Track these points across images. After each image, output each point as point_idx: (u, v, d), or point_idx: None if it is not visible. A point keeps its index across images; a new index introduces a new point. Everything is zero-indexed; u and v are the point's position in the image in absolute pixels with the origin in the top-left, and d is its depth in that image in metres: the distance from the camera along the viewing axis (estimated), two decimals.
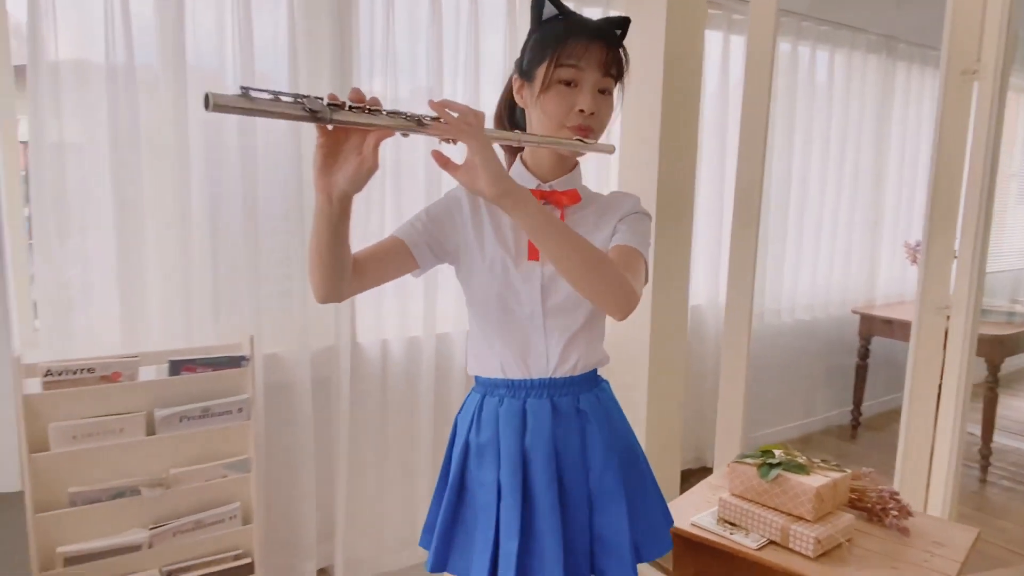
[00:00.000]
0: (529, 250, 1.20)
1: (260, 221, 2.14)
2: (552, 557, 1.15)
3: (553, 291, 1.19)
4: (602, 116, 1.16)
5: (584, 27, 1.14)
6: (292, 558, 2.32)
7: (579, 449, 1.22)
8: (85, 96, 1.91)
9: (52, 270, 1.91)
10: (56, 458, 1.78)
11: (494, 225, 1.22)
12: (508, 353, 1.21)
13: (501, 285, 1.19)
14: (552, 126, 1.15)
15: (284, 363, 2.24)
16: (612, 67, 1.14)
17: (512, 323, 1.20)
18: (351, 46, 2.21)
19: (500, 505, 1.18)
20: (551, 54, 1.13)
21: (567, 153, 1.21)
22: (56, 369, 1.77)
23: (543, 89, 1.14)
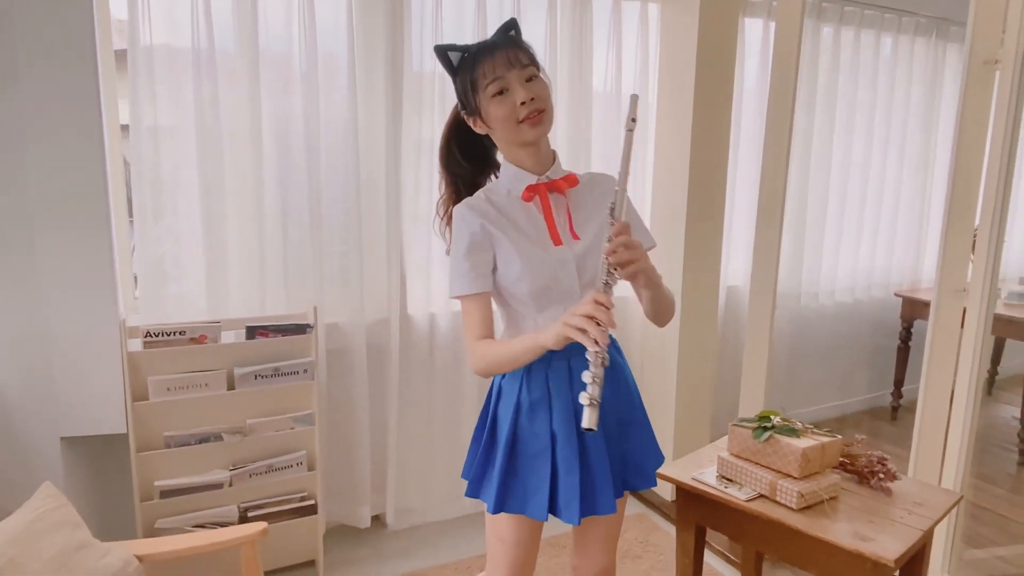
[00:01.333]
0: (553, 237, 1.37)
1: (323, 205, 2.41)
2: (604, 483, 1.38)
3: (585, 269, 1.37)
4: (541, 95, 1.32)
5: (482, 48, 1.34)
6: (350, 503, 2.62)
7: (612, 394, 1.41)
8: (174, 81, 2.19)
9: (149, 246, 2.23)
10: (154, 406, 2.11)
11: (512, 227, 1.36)
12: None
13: (540, 274, 1.34)
14: (509, 127, 1.33)
15: (343, 331, 2.52)
16: (522, 59, 1.32)
17: (554, 301, 1.36)
18: (403, 28, 2.42)
19: (556, 449, 1.37)
20: (475, 82, 1.32)
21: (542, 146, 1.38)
22: (154, 331, 2.09)
23: (486, 108, 1.33)
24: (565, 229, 1.38)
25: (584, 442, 1.38)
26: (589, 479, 1.37)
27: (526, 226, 1.37)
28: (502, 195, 1.40)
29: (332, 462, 2.55)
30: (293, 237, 2.41)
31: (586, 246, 1.38)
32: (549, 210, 1.38)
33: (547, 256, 1.35)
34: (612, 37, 2.81)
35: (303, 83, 2.33)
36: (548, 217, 1.38)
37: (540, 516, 1.38)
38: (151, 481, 2.13)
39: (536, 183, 1.38)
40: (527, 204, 1.39)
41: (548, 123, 1.35)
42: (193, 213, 2.28)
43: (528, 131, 1.33)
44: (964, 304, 2.27)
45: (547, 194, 1.38)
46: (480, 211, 1.37)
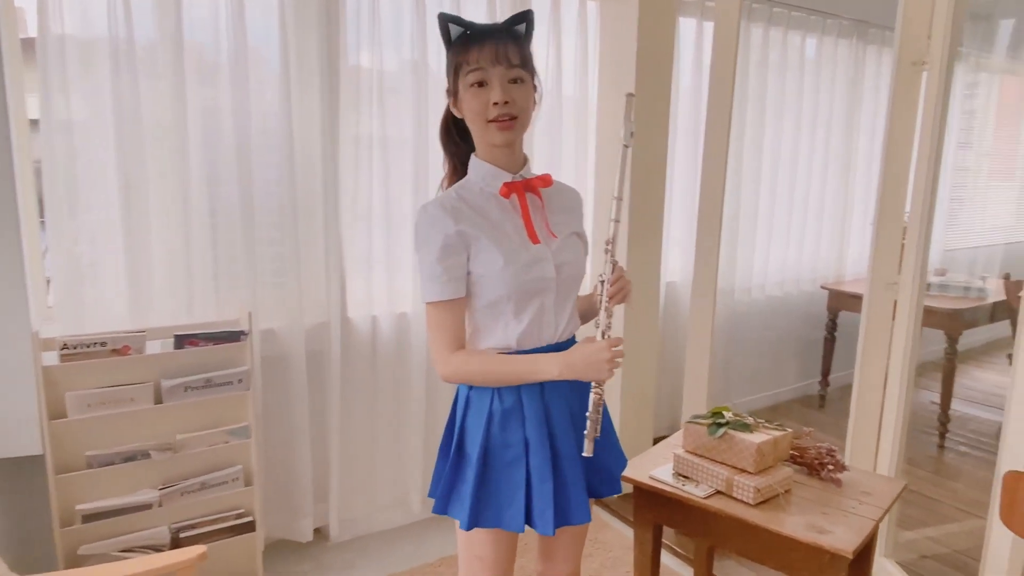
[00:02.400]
0: (531, 235, 1.33)
1: (256, 202, 2.29)
2: (578, 491, 1.35)
3: (563, 266, 1.36)
4: (519, 102, 1.29)
5: (479, 33, 1.29)
6: (290, 517, 2.50)
7: (579, 400, 1.37)
8: (90, 73, 2.02)
9: (64, 248, 2.06)
10: (73, 424, 1.94)
11: (489, 224, 1.32)
12: (524, 328, 1.33)
13: (520, 273, 1.30)
14: (478, 122, 1.30)
15: (280, 337, 2.40)
16: (512, 58, 1.27)
17: (530, 302, 1.33)
18: (339, 21, 2.33)
19: (528, 457, 1.33)
20: (458, 65, 1.29)
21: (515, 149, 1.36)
22: (72, 343, 1.92)
23: (461, 95, 1.31)
24: (542, 228, 1.36)
25: (557, 449, 1.35)
26: (563, 488, 1.34)
27: (503, 224, 1.34)
28: (475, 192, 1.36)
29: (270, 475, 2.43)
30: (223, 237, 2.28)
31: (562, 244, 1.37)
32: (527, 208, 1.35)
33: (527, 254, 1.32)
34: (551, 36, 2.79)
35: (231, 75, 2.19)
36: (526, 215, 1.35)
37: (516, 528, 1.33)
38: (72, 505, 1.96)
39: (513, 181, 1.35)
40: (503, 202, 1.35)
41: (519, 130, 1.32)
42: (112, 212, 2.11)
43: (495, 133, 1.30)
44: (895, 297, 2.36)
45: (524, 192, 1.36)
46: (453, 212, 1.31)
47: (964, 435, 3.66)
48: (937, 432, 3.54)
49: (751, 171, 3.53)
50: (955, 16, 2.13)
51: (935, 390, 3.76)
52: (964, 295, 3.47)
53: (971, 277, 3.61)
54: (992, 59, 4.40)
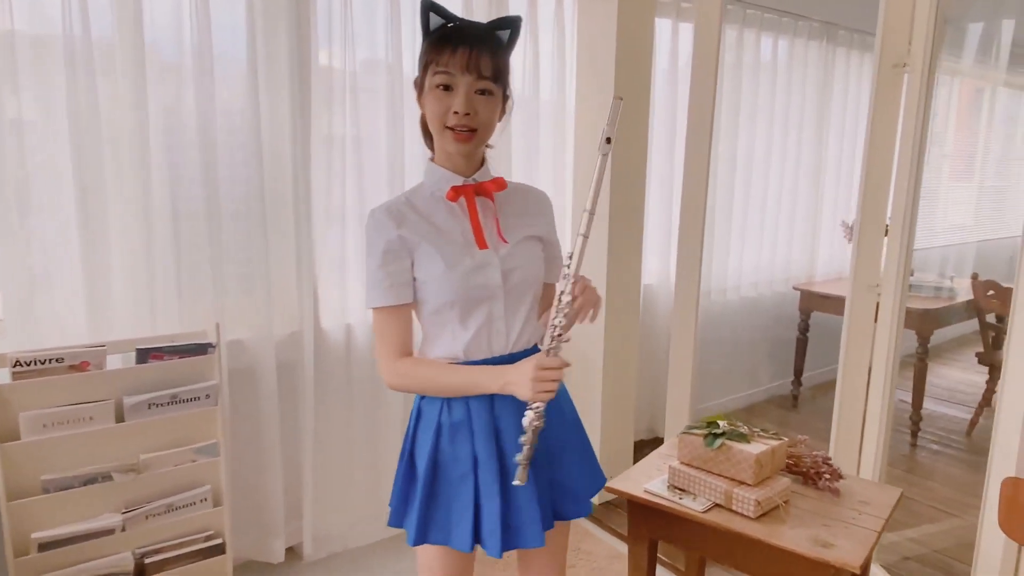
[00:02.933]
0: (478, 241, 1.29)
1: (222, 206, 2.17)
2: (530, 510, 1.28)
3: (511, 272, 1.31)
4: (482, 115, 1.24)
5: (457, 33, 1.22)
6: (262, 537, 2.39)
7: (558, 412, 1.35)
8: (42, 71, 1.89)
9: (14, 256, 1.91)
10: (27, 447, 1.80)
11: (434, 230, 1.29)
12: (471, 337, 1.30)
13: (466, 278, 1.27)
14: (436, 126, 1.26)
15: (249, 349, 2.28)
16: (483, 70, 1.21)
17: (476, 309, 1.29)
18: (309, 19, 2.23)
19: (477, 473, 1.29)
20: (427, 63, 1.24)
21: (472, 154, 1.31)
22: (25, 359, 1.79)
23: (426, 92, 1.25)
24: (492, 233, 1.31)
25: (506, 466, 1.29)
26: (514, 508, 1.29)
27: (449, 229, 1.30)
28: (425, 197, 1.33)
29: (240, 494, 2.31)
30: (187, 243, 2.15)
31: (512, 250, 1.32)
32: (475, 212, 1.30)
33: (471, 260, 1.28)
34: (528, 37, 2.72)
35: (195, 74, 2.07)
36: (474, 219, 1.30)
37: (464, 547, 1.28)
38: (27, 533, 1.82)
39: (463, 184, 1.30)
40: (452, 206, 1.31)
41: (478, 143, 1.28)
42: (67, 218, 1.97)
43: (450, 141, 1.26)
44: (877, 299, 2.36)
45: (473, 196, 1.31)
46: (397, 216, 1.29)
47: (934, 433, 3.71)
48: (909, 431, 3.58)
49: (724, 173, 3.52)
50: (938, 17, 2.12)
51: (906, 388, 3.80)
52: (936, 295, 3.52)
53: (941, 277, 3.66)
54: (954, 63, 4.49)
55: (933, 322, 3.46)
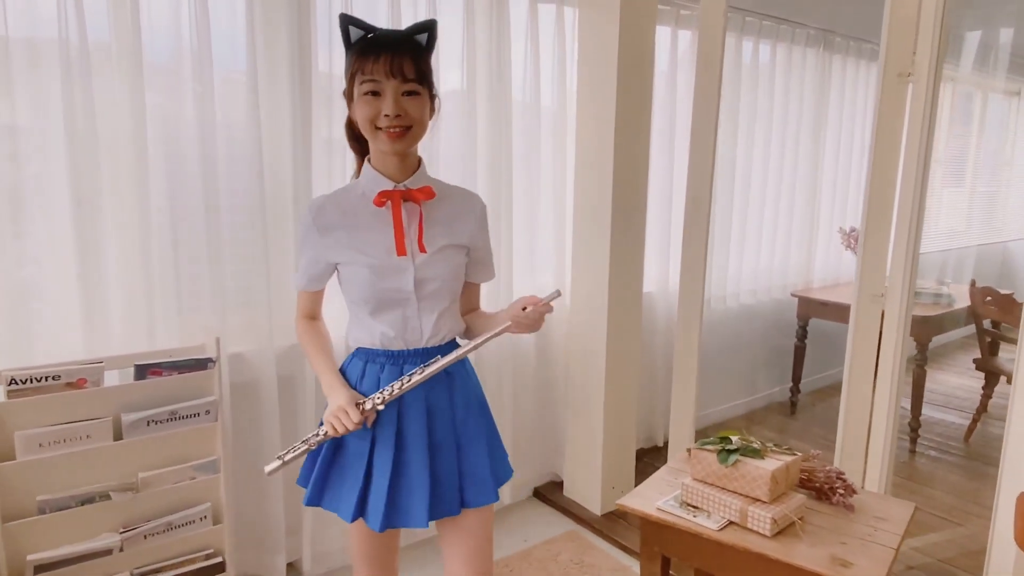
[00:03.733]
0: (398, 247, 1.38)
1: (222, 217, 2.13)
2: (419, 490, 1.40)
3: (425, 280, 1.41)
4: (412, 114, 1.32)
5: (377, 43, 1.31)
6: (262, 553, 2.34)
7: (448, 404, 1.46)
8: (37, 76, 1.84)
9: (7, 268, 1.86)
10: (23, 467, 1.75)
11: (357, 233, 1.40)
12: (388, 330, 1.42)
13: (379, 280, 1.38)
14: (368, 129, 1.34)
15: (249, 362, 2.24)
16: (407, 73, 1.30)
17: (391, 308, 1.41)
18: (309, 23, 2.20)
19: (373, 452, 1.41)
20: (354, 72, 1.32)
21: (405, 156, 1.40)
22: (20, 377, 1.74)
23: (356, 101, 1.34)
24: (413, 240, 1.40)
25: (403, 450, 1.41)
26: (403, 488, 1.40)
27: (372, 232, 1.40)
28: (355, 197, 1.42)
29: (240, 510, 2.27)
30: (185, 254, 2.11)
31: (429, 259, 1.41)
32: (399, 219, 1.38)
33: (387, 265, 1.38)
34: (529, 41, 2.70)
35: (195, 82, 2.03)
36: (397, 226, 1.38)
37: (347, 518, 1.42)
38: (23, 555, 1.77)
39: (392, 190, 1.38)
40: (379, 209, 1.39)
41: (412, 140, 1.36)
42: (62, 228, 1.92)
43: (384, 141, 1.34)
44: (881, 308, 2.35)
45: (400, 202, 1.38)
46: (321, 221, 1.41)
47: (932, 439, 3.71)
48: (909, 438, 3.57)
49: (723, 179, 3.51)
50: (942, 28, 2.12)
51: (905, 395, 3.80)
52: (935, 302, 3.52)
53: (939, 284, 3.66)
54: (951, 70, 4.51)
55: (932, 329, 3.46)
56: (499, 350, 2.75)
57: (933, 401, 4.21)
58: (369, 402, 1.37)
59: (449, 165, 2.53)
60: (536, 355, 2.97)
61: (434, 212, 1.43)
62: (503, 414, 2.82)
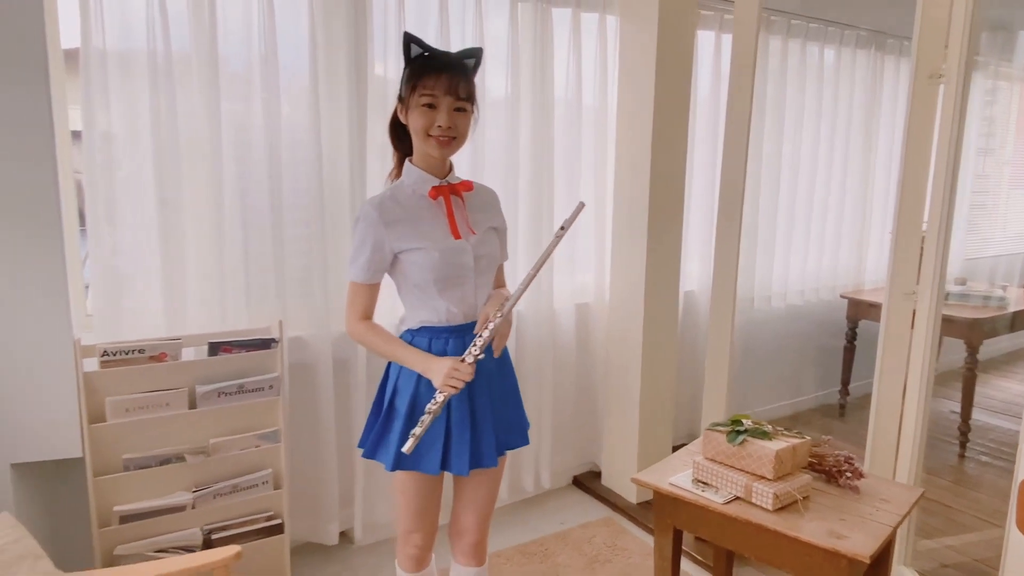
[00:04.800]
0: (453, 232, 1.60)
1: (285, 214, 2.36)
2: (488, 441, 1.65)
3: (480, 258, 1.64)
4: (459, 127, 1.56)
5: (437, 63, 1.53)
6: (317, 520, 2.56)
7: (496, 364, 1.69)
8: (129, 85, 2.10)
9: (103, 257, 2.14)
10: (111, 428, 2.02)
11: (419, 222, 1.59)
12: (451, 307, 1.62)
13: (441, 262, 1.57)
14: (420, 134, 1.55)
15: (308, 345, 2.46)
16: (460, 91, 1.53)
17: (455, 286, 1.60)
18: (366, 34, 2.40)
19: (450, 413, 1.61)
20: (414, 86, 1.53)
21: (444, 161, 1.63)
22: (111, 350, 2.00)
23: (411, 110, 1.55)
24: (463, 225, 1.62)
25: (474, 406, 1.63)
26: (477, 437, 1.64)
27: (429, 222, 1.60)
28: (408, 194, 1.62)
29: (298, 479, 2.49)
30: (254, 247, 2.35)
31: (480, 239, 1.64)
32: (451, 209, 1.61)
33: (450, 247, 1.58)
34: (572, 47, 2.85)
35: (263, 88, 2.27)
36: (450, 214, 1.61)
37: (432, 470, 1.62)
38: (110, 506, 2.04)
39: (440, 185, 1.61)
40: (431, 202, 1.61)
41: (455, 148, 1.59)
42: (149, 223, 2.19)
43: (434, 147, 1.56)
44: (913, 306, 2.38)
45: (449, 195, 1.62)
46: (386, 216, 1.58)
47: (984, 445, 3.65)
48: (957, 442, 3.53)
49: (770, 180, 3.56)
50: (971, 30, 2.15)
51: (956, 399, 3.75)
52: (984, 304, 3.47)
53: (991, 286, 3.60)
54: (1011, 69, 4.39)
55: (982, 332, 3.41)
56: (540, 341, 2.89)
57: (990, 407, 4.12)
58: (469, 356, 1.54)
59: (493, 168, 2.70)
60: (577, 347, 3.10)
61: (472, 202, 1.68)
62: (543, 403, 2.97)
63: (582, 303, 3.09)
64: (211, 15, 2.15)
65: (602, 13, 2.89)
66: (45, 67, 1.81)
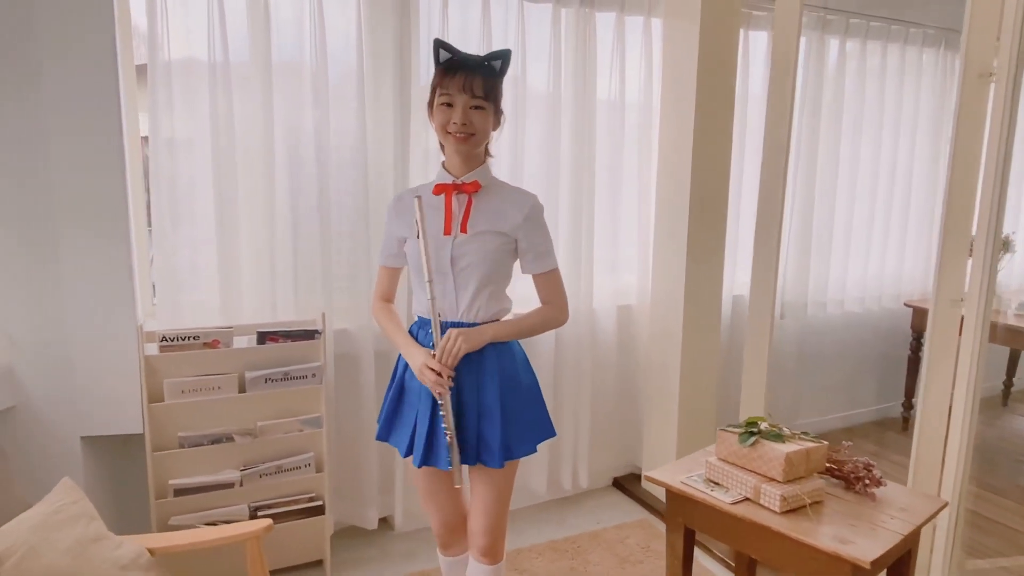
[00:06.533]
0: (444, 228, 1.67)
1: (332, 215, 2.50)
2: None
3: (459, 257, 1.66)
4: (476, 124, 1.62)
5: (455, 64, 1.61)
6: (358, 505, 2.69)
7: (475, 373, 1.69)
8: (191, 93, 2.28)
9: (167, 254, 2.33)
10: (169, 408, 2.20)
11: (412, 220, 1.69)
12: (425, 299, 1.67)
13: (420, 254, 1.63)
14: (440, 132, 1.66)
15: (351, 337, 2.60)
16: (476, 90, 1.60)
17: (435, 280, 1.65)
18: (410, 47, 2.52)
19: (419, 404, 1.71)
20: (435, 86, 1.64)
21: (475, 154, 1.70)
22: (170, 335, 2.19)
23: (434, 110, 1.65)
24: (458, 223, 1.67)
25: (436, 409, 1.68)
26: (434, 431, 1.69)
27: (432, 216, 1.69)
28: (427, 189, 1.73)
29: (340, 465, 2.63)
30: (303, 246, 2.50)
31: (466, 240, 1.66)
32: (449, 206, 1.69)
33: (433, 242, 1.65)
34: (616, 50, 2.88)
35: (314, 94, 2.42)
36: (447, 211, 1.68)
37: (401, 452, 1.76)
38: (166, 480, 2.22)
39: (447, 183, 1.68)
40: (442, 199, 1.70)
41: (474, 145, 1.65)
42: (208, 223, 2.38)
43: (451, 143, 1.65)
44: (961, 313, 2.29)
45: (452, 193, 1.68)
46: (398, 207, 1.78)
47: None
48: None
49: (827, 183, 3.47)
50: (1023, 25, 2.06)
51: None
52: None
53: None
54: None
55: None
56: (579, 340, 2.93)
57: None
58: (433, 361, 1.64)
59: (533, 171, 2.77)
60: (618, 349, 3.12)
61: (483, 203, 1.70)
62: (581, 403, 3.01)
63: (624, 304, 3.11)
64: (266, 27, 2.32)
65: (647, 16, 2.91)
66: (116, 81, 2.01)
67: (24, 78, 1.95)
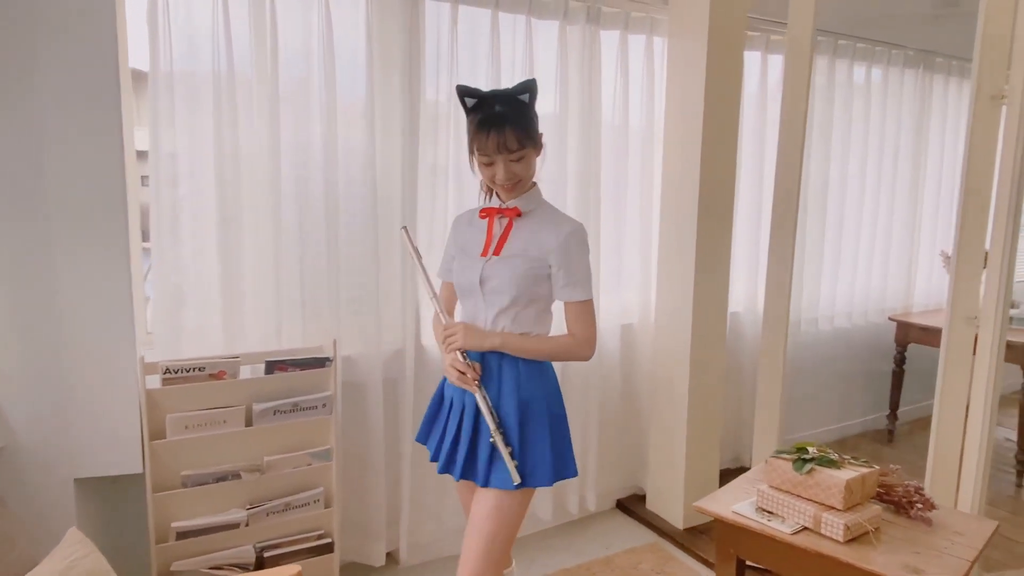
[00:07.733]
0: (483, 250, 1.72)
1: (339, 235, 2.38)
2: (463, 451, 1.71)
3: (488, 278, 1.69)
4: (519, 173, 1.66)
5: (487, 122, 1.60)
6: (364, 540, 2.56)
7: (496, 395, 1.69)
8: (194, 106, 2.15)
9: (165, 275, 2.17)
10: (171, 445, 2.04)
11: (466, 239, 1.79)
12: (466, 317, 1.76)
13: (458, 272, 1.75)
14: (488, 183, 1.72)
15: (359, 364, 2.47)
16: (511, 146, 1.60)
17: (467, 297, 1.74)
18: (419, 60, 2.44)
19: (449, 415, 1.78)
20: (473, 145, 1.66)
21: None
22: (173, 367, 2.03)
23: (476, 164, 1.70)
24: (494, 245, 1.72)
25: (462, 425, 1.72)
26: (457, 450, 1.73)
27: (476, 237, 1.76)
28: (476, 211, 1.80)
29: (347, 498, 2.50)
30: (309, 266, 2.37)
31: (497, 261, 1.69)
32: (490, 229, 1.74)
33: (469, 262, 1.73)
34: (619, 68, 2.85)
35: (321, 110, 2.30)
36: (489, 234, 1.73)
37: (430, 456, 1.82)
38: (167, 522, 2.06)
39: (493, 207, 1.73)
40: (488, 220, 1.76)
41: (521, 187, 1.70)
42: (209, 241, 2.23)
43: (501, 192, 1.72)
44: (975, 331, 2.32)
45: (494, 217, 1.73)
46: (457, 225, 1.86)
47: None
48: (1015, 471, 3.42)
49: (816, 201, 3.52)
50: None
51: (1010, 426, 3.65)
52: None
53: None
54: None
55: None
56: (585, 364, 2.87)
57: None
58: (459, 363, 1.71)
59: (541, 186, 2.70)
60: (621, 369, 3.08)
61: (523, 227, 1.72)
62: (588, 425, 2.94)
63: (627, 324, 3.07)
64: (272, 39, 2.20)
65: (649, 35, 2.90)
66: (117, 90, 1.86)
67: (20, 93, 1.78)
